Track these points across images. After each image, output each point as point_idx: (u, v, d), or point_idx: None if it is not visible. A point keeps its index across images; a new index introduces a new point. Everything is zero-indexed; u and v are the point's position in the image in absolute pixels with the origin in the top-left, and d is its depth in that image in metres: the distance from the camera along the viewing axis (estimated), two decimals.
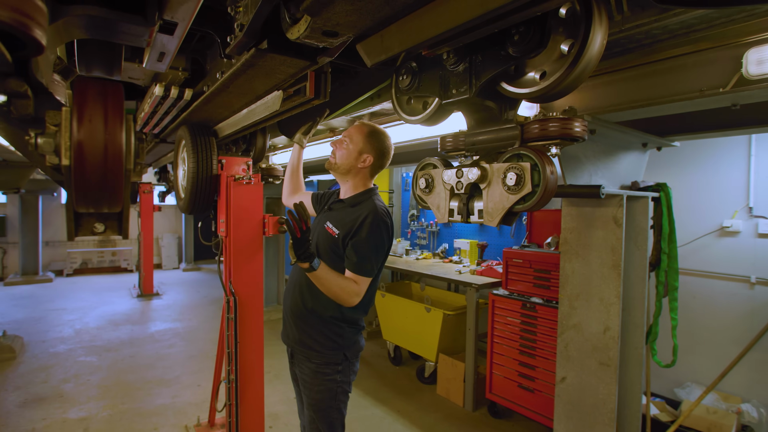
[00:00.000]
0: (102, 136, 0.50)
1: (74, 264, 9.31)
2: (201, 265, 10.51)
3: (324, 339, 1.72)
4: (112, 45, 0.95)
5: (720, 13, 1.34)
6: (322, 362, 1.72)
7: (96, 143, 0.50)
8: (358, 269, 1.63)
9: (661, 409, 2.96)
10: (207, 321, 5.88)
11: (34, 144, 0.52)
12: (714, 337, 3.06)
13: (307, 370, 1.74)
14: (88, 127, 0.49)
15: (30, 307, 6.48)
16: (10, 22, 0.48)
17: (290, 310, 1.79)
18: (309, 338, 1.73)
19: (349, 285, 1.62)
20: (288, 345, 1.84)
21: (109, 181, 0.52)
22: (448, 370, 3.61)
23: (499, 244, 4.51)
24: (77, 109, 0.50)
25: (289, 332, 1.81)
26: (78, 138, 0.49)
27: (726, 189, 3.07)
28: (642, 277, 2.00)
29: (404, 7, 0.88)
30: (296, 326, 1.76)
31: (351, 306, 1.66)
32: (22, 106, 0.61)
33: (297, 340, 1.76)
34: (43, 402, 3.44)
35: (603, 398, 1.88)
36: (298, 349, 1.76)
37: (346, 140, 1.76)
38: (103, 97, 0.52)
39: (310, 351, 1.73)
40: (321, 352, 1.71)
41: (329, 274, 1.59)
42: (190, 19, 0.91)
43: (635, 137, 2.06)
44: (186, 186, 2.34)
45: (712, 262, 3.09)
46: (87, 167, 0.50)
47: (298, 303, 1.76)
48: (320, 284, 1.60)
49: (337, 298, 1.63)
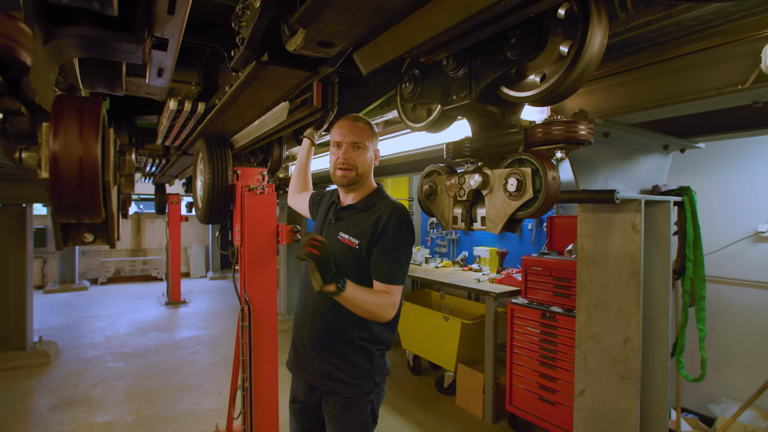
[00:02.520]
0: (77, 149, 0.52)
1: (108, 273, 9.71)
2: (227, 273, 10.76)
3: (353, 368, 1.52)
4: (112, 62, 0.99)
5: (738, 7, 1.27)
6: (353, 394, 1.52)
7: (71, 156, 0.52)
8: (389, 278, 1.47)
9: (694, 425, 2.78)
10: (230, 329, 5.99)
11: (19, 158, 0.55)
12: (751, 350, 2.86)
13: (334, 404, 1.54)
14: (63, 140, 0.52)
15: (66, 314, 6.79)
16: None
17: (310, 339, 1.58)
18: (337, 369, 1.52)
19: (384, 298, 1.44)
20: (304, 379, 1.61)
21: (86, 192, 0.54)
22: (467, 380, 3.53)
23: (519, 251, 4.40)
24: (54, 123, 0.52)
25: (306, 364, 1.59)
26: (53, 150, 0.51)
27: (761, 192, 2.89)
28: (665, 286, 1.90)
29: (393, 15, 0.88)
30: (321, 356, 1.55)
31: (388, 320, 1.48)
32: (17, 123, 0.64)
33: (321, 372, 1.54)
34: (72, 406, 3.58)
35: (624, 413, 1.78)
36: (322, 383, 1.55)
37: (358, 143, 1.56)
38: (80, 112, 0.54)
39: (338, 384, 1.52)
40: (351, 383, 1.52)
41: (359, 292, 1.41)
42: (180, 34, 0.94)
43: (655, 139, 1.97)
44: (202, 196, 2.41)
45: (747, 269, 2.90)
46: (63, 179, 0.52)
47: (322, 331, 1.55)
48: (351, 305, 1.41)
49: (372, 316, 1.45)
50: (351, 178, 1.57)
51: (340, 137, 1.58)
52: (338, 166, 1.57)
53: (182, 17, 0.81)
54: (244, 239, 2.36)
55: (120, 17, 0.70)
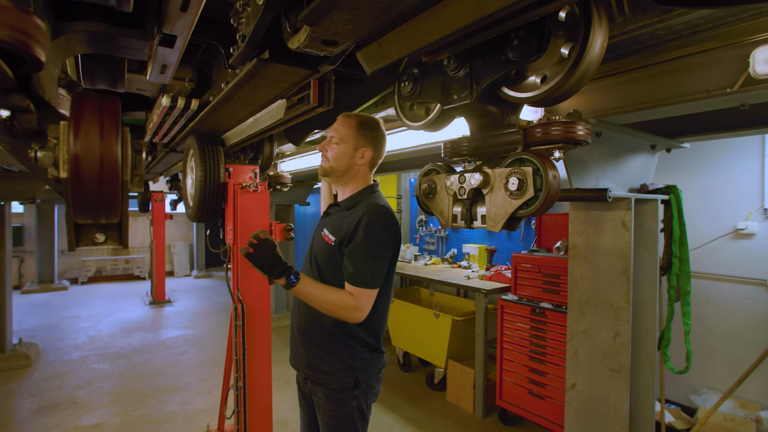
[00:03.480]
0: (98, 149, 0.51)
1: (89, 272, 9.48)
2: (212, 272, 10.61)
3: (334, 360, 1.53)
4: (115, 59, 0.97)
5: (726, 12, 1.32)
6: (336, 387, 1.53)
7: (92, 155, 0.51)
8: (355, 280, 1.45)
9: (676, 416, 2.88)
10: (217, 328, 5.92)
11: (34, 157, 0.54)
12: (730, 342, 2.98)
13: (320, 393, 1.56)
14: (84, 140, 0.50)
15: (46, 314, 6.60)
16: (10, 41, 0.50)
17: (297, 329, 1.63)
18: (319, 360, 1.55)
19: (344, 299, 1.44)
20: (298, 370, 1.66)
21: (106, 193, 0.53)
22: (457, 376, 3.58)
23: (508, 248, 4.47)
24: (74, 122, 0.51)
25: (296, 355, 1.64)
26: (74, 151, 0.50)
27: (740, 190, 3.00)
28: (653, 282, 1.96)
29: (401, 15, 0.89)
30: (305, 348, 1.59)
31: (355, 322, 1.48)
32: (26, 121, 0.62)
33: (307, 363, 1.58)
34: (56, 409, 3.49)
35: (614, 405, 1.84)
36: (310, 374, 1.58)
37: (334, 137, 1.59)
38: (100, 111, 0.53)
39: (321, 374, 1.54)
40: (333, 374, 1.53)
41: (315, 288, 1.44)
42: (189, 31, 0.92)
43: (643, 139, 2.03)
44: (194, 194, 2.37)
45: (727, 265, 3.01)
46: (83, 179, 0.51)
47: (304, 319, 1.59)
48: (308, 300, 1.46)
49: (334, 315, 1.46)
50: (324, 169, 1.62)
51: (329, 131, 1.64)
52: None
53: (195, 14, 0.79)
54: (237, 238, 2.34)
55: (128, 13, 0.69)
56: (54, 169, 0.59)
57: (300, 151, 4.39)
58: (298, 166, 4.55)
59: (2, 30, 0.49)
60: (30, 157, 0.60)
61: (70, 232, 0.59)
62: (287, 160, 4.71)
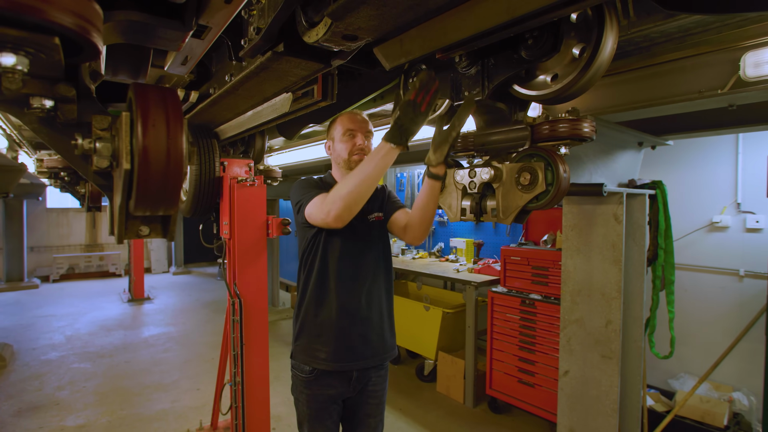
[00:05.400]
0: (164, 141, 0.51)
1: (61, 269, 9.13)
2: (192, 268, 10.40)
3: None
4: (142, 49, 0.95)
5: (716, 18, 1.40)
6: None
7: (160, 148, 0.51)
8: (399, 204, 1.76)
9: (656, 399, 3.04)
10: (201, 324, 5.83)
11: (93, 148, 0.53)
12: (706, 329, 3.16)
13: (383, 373, 1.73)
14: (152, 132, 0.50)
15: (17, 314, 6.34)
16: (75, 27, 0.49)
17: (387, 313, 1.71)
18: (394, 338, 1.76)
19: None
20: (370, 360, 1.65)
21: (169, 185, 0.53)
22: (447, 367, 3.65)
23: (495, 242, 4.57)
24: (141, 114, 0.51)
25: (378, 344, 1.67)
26: (143, 143, 0.50)
27: (715, 186, 3.17)
28: (640, 272, 2.07)
29: (427, 12, 0.91)
30: (391, 331, 1.72)
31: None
32: (69, 111, 0.61)
33: (390, 346, 1.72)
34: (38, 410, 3.38)
35: (606, 390, 1.93)
36: (387, 356, 1.71)
37: (370, 134, 1.78)
38: (164, 103, 0.53)
39: (394, 351, 1.75)
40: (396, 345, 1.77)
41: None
42: (224, 24, 0.92)
43: (632, 136, 2.12)
44: (188, 189, 2.33)
45: (703, 256, 3.19)
46: (151, 171, 0.51)
47: (384, 303, 1.69)
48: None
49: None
50: None
51: (354, 125, 1.73)
52: (355, 152, 1.72)
53: (237, 7, 0.79)
54: (233, 232, 2.32)
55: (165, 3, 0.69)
56: (104, 160, 0.59)
57: (289, 145, 4.35)
58: (286, 161, 4.51)
59: (66, 16, 0.48)
60: (77, 147, 0.60)
61: (121, 225, 0.58)
62: (275, 155, 4.67)
